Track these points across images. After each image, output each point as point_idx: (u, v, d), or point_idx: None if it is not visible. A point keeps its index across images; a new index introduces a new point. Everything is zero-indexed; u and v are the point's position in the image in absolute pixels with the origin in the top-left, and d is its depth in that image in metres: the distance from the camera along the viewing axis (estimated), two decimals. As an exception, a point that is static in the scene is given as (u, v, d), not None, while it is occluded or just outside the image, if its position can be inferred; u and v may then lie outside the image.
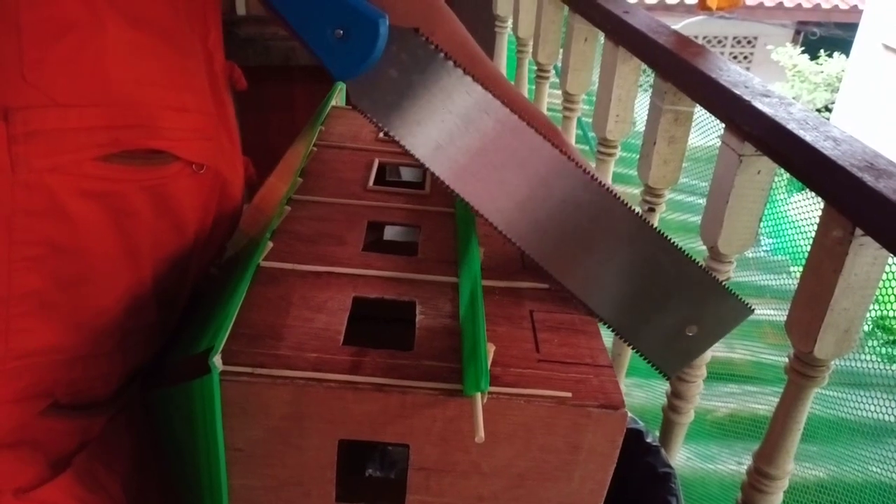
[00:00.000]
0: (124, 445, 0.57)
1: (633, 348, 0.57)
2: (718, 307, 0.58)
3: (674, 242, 0.55)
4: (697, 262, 0.57)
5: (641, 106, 1.21)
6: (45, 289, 0.48)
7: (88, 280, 0.50)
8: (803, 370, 0.74)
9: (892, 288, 1.31)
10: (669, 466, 0.81)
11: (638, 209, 0.56)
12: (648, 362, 0.58)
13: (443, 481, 0.49)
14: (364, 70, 0.47)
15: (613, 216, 0.54)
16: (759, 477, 0.80)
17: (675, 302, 0.57)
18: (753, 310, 0.58)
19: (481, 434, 0.42)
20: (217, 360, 0.44)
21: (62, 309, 0.49)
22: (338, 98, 0.92)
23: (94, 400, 0.54)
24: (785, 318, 0.76)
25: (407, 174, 0.87)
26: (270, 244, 0.57)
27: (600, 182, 0.53)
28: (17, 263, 0.46)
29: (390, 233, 0.76)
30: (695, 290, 0.57)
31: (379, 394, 0.45)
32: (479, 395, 0.44)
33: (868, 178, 0.62)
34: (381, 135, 0.82)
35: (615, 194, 0.54)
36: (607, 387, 0.48)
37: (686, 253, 0.56)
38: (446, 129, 0.51)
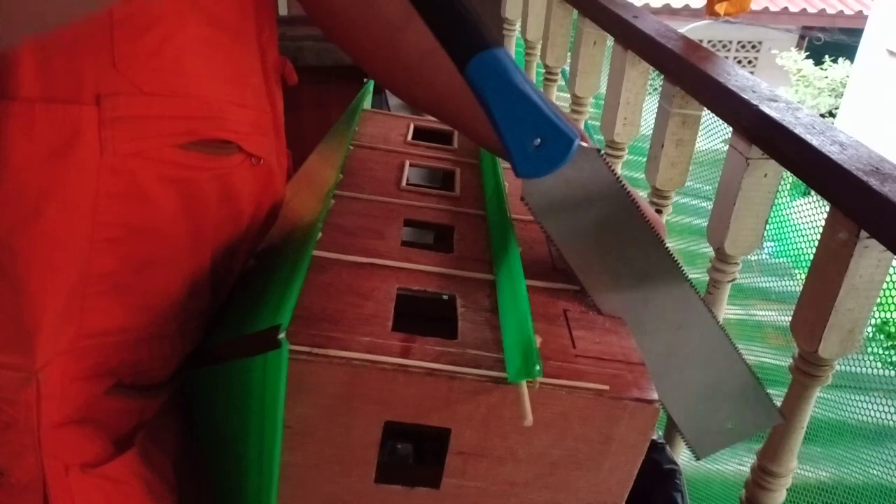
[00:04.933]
0: (173, 428, 0.59)
1: (678, 430, 0.61)
2: (757, 408, 0.62)
3: (736, 347, 0.60)
4: (748, 364, 0.61)
5: (648, 109, 1.23)
6: (120, 270, 0.50)
7: (158, 263, 0.52)
8: (808, 369, 0.75)
9: (894, 293, 1.32)
10: (674, 463, 0.82)
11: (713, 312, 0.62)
12: (687, 443, 0.62)
13: (479, 466, 0.51)
14: (546, 175, 0.52)
15: (699, 324, 0.60)
16: (762, 474, 0.82)
17: (727, 397, 0.62)
18: (785, 418, 0.63)
19: (530, 418, 0.44)
20: (285, 338, 0.46)
21: (133, 290, 0.52)
22: (366, 101, 0.94)
23: (153, 381, 0.56)
24: (786, 320, 0.77)
25: (414, 176, 0.88)
26: (321, 234, 0.59)
27: (695, 291, 0.59)
28: (98, 244, 0.49)
29: (406, 234, 0.78)
30: (741, 389, 0.62)
31: (429, 378, 0.47)
32: (525, 382, 0.46)
33: (874, 182, 0.63)
34: (410, 138, 0.85)
35: (702, 298, 0.59)
36: (641, 382, 0.50)
37: (742, 356, 0.61)
38: (597, 242, 0.57)
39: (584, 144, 0.52)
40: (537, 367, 0.46)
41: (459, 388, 0.48)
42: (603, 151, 1.29)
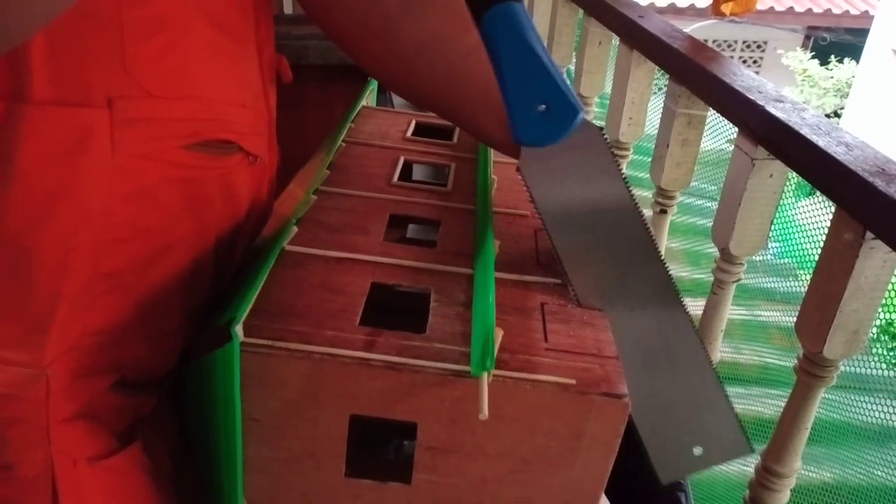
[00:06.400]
0: (170, 422, 0.60)
1: (644, 447, 0.60)
2: (727, 437, 0.62)
3: (716, 371, 0.60)
4: (725, 392, 0.61)
5: (653, 109, 1.23)
6: (126, 269, 0.51)
7: (162, 262, 0.53)
8: (812, 370, 0.75)
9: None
10: (678, 463, 0.82)
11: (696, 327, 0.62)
12: (652, 463, 0.61)
13: (449, 461, 0.50)
14: (546, 144, 0.50)
15: (683, 338, 0.59)
16: (767, 475, 0.82)
17: (696, 422, 0.61)
18: (753, 450, 0.63)
19: (485, 412, 0.44)
20: (238, 330, 0.46)
21: (137, 289, 0.53)
22: (368, 99, 0.94)
23: (154, 378, 0.57)
24: (791, 320, 0.77)
25: (417, 173, 0.89)
26: (295, 229, 0.59)
27: (682, 304, 0.58)
28: (106, 244, 0.49)
29: (413, 231, 0.78)
30: (714, 415, 0.61)
31: (391, 371, 0.47)
32: (485, 374, 0.46)
33: (879, 183, 0.63)
34: (410, 134, 0.84)
35: (690, 318, 0.59)
36: (612, 377, 0.49)
37: (720, 381, 0.60)
38: (586, 224, 0.56)
39: (590, 121, 0.51)
40: (489, 361, 0.45)
41: (423, 381, 0.47)
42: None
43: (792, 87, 7.17)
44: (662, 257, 0.58)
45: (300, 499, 0.52)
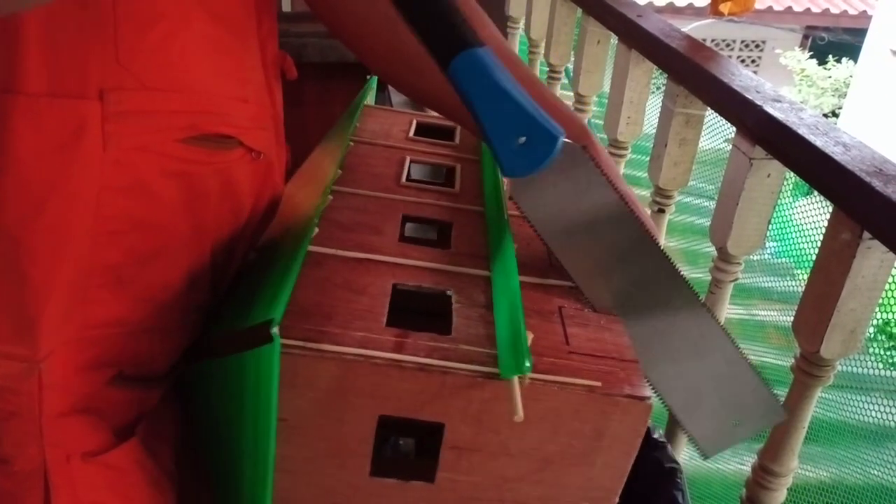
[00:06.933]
0: (172, 419, 0.60)
1: (685, 431, 0.62)
2: (761, 406, 0.63)
3: (737, 344, 0.61)
4: (753, 365, 0.62)
5: (651, 108, 1.23)
6: (123, 262, 0.51)
7: (160, 256, 0.53)
8: (809, 369, 0.75)
9: (894, 293, 1.32)
10: (675, 462, 0.82)
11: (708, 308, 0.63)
12: (694, 445, 0.63)
13: (472, 460, 0.51)
14: (532, 173, 0.52)
15: (700, 322, 0.60)
16: (763, 474, 0.82)
17: (728, 397, 0.62)
18: (787, 415, 0.65)
19: (520, 414, 0.45)
20: (277, 332, 0.46)
21: (135, 283, 0.53)
22: (368, 98, 0.94)
23: (154, 373, 0.57)
24: (788, 320, 0.77)
25: (416, 172, 0.89)
26: (317, 229, 0.60)
27: (693, 290, 0.59)
28: (101, 237, 0.49)
29: (410, 230, 0.78)
30: (745, 388, 0.62)
31: (421, 373, 0.48)
32: (517, 378, 0.46)
33: (877, 183, 0.63)
34: (412, 134, 0.85)
35: (703, 301, 0.60)
36: (633, 379, 0.50)
37: (743, 353, 0.62)
38: (586, 240, 0.58)
39: (569, 141, 0.52)
40: (527, 364, 0.46)
41: (452, 383, 0.48)
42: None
43: (790, 86, 7.18)
44: (666, 252, 0.58)
45: (324, 497, 0.53)
